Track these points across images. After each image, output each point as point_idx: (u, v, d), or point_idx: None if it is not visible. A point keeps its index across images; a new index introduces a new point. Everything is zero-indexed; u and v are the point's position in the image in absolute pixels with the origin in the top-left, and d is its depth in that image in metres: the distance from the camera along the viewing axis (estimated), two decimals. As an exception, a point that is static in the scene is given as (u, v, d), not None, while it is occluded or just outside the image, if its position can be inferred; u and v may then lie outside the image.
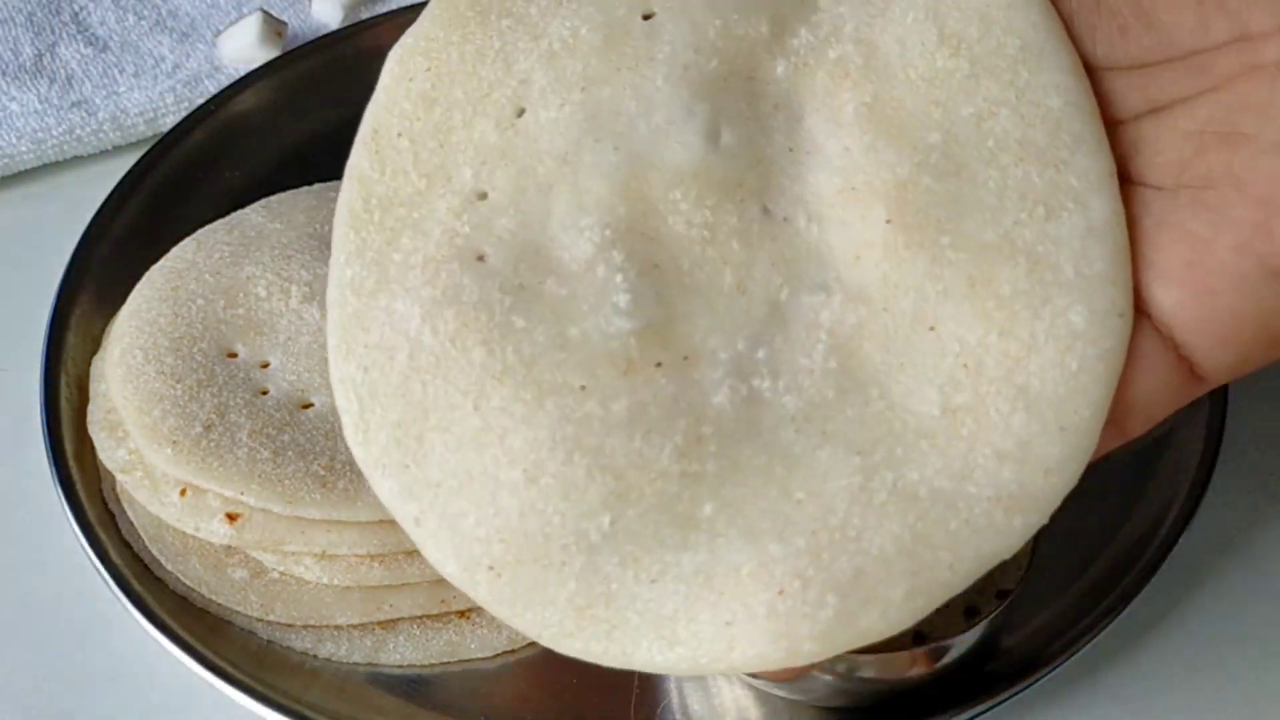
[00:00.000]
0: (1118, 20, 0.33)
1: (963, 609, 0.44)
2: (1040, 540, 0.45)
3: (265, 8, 0.72)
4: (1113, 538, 0.52)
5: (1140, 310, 0.33)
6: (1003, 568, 0.45)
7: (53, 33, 0.72)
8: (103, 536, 0.50)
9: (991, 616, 0.43)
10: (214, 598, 0.49)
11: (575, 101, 0.34)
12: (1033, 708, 0.49)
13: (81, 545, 0.50)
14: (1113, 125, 0.34)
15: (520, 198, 0.34)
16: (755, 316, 0.33)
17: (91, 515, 0.51)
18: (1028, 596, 0.45)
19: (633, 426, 0.32)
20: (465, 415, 0.33)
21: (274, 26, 0.71)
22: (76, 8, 0.74)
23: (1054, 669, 0.47)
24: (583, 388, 0.32)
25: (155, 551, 0.50)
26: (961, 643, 0.43)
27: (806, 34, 0.34)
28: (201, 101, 0.67)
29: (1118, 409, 0.33)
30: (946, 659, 0.43)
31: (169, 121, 0.68)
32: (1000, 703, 0.47)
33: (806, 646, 0.31)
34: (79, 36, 0.72)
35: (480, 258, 0.34)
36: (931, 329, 0.32)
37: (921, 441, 0.33)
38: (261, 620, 0.49)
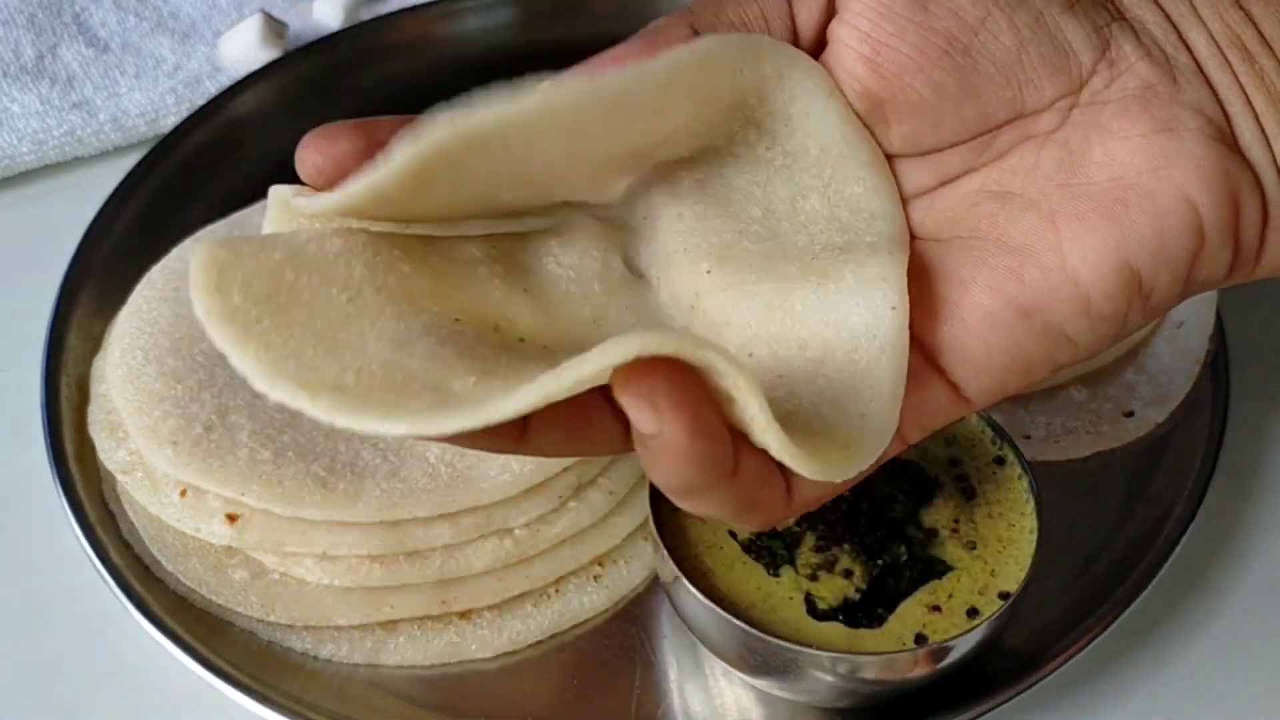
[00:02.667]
0: (904, 128, 0.37)
1: (965, 610, 0.44)
2: (1042, 542, 0.45)
3: (266, 9, 0.72)
4: (1114, 539, 0.52)
5: (914, 339, 0.37)
6: (1005, 569, 0.45)
7: (54, 34, 0.72)
8: (103, 537, 0.50)
9: (993, 617, 0.43)
10: (214, 598, 0.49)
11: None
12: (1034, 708, 0.49)
13: (81, 545, 0.50)
14: (911, 197, 0.39)
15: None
16: None
17: (92, 516, 0.51)
18: (1029, 597, 0.45)
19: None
20: (338, 305, 0.34)
21: (275, 28, 0.71)
22: (77, 9, 0.74)
23: (1055, 670, 0.48)
24: (456, 320, 0.35)
25: (155, 552, 0.50)
26: (963, 643, 0.43)
27: None
28: (202, 102, 0.67)
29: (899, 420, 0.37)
30: (948, 660, 0.43)
31: (170, 122, 0.68)
32: (1002, 703, 0.47)
33: None
34: (80, 38, 0.72)
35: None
36: (750, 355, 0.37)
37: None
38: (262, 621, 0.49)
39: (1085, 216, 0.36)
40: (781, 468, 0.35)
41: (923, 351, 0.37)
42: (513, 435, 0.34)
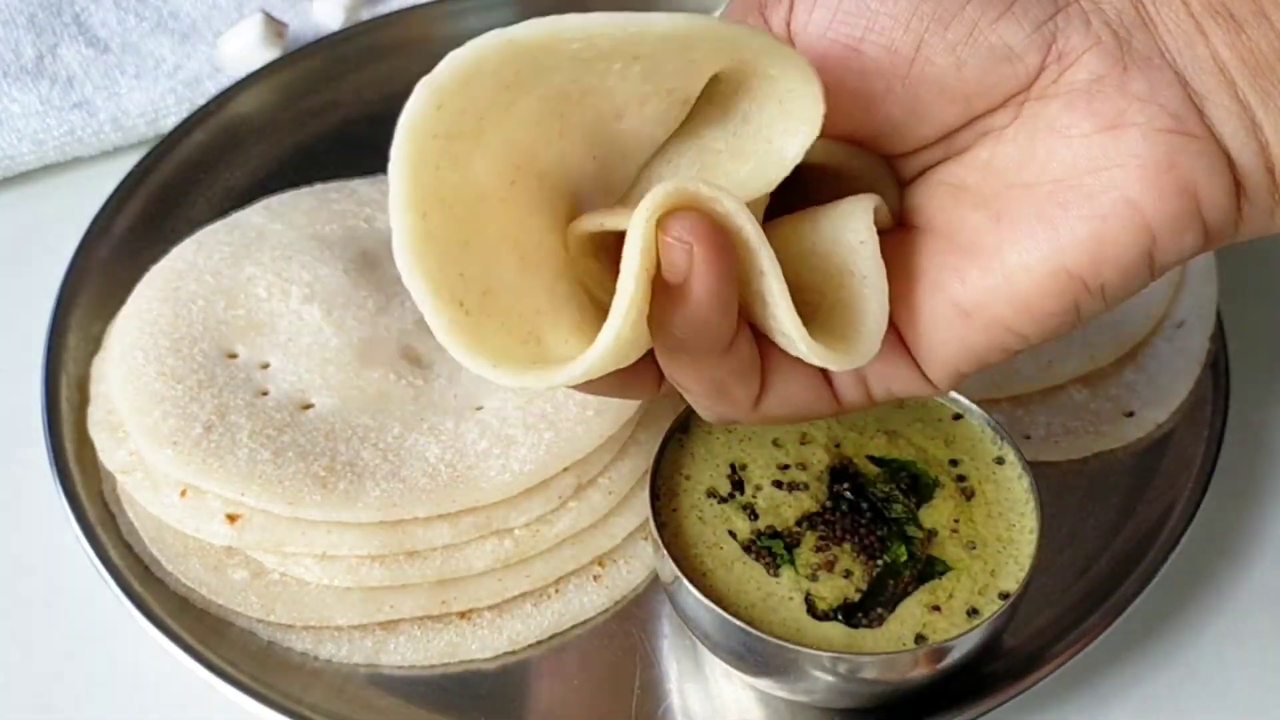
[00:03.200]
0: (888, 127, 0.39)
1: (965, 610, 0.44)
2: (1042, 542, 0.45)
3: (266, 9, 0.72)
4: (1114, 539, 0.52)
5: (891, 323, 0.39)
6: (1005, 569, 0.45)
7: (54, 34, 0.72)
8: (103, 537, 0.50)
9: (993, 617, 0.43)
10: (214, 599, 0.49)
11: None
12: (1034, 708, 0.49)
13: (81, 545, 0.50)
14: (903, 186, 0.41)
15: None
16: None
17: (92, 516, 0.51)
18: (1029, 597, 0.45)
19: None
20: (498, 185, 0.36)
21: (275, 28, 0.71)
22: (78, 9, 0.74)
23: (1055, 670, 0.48)
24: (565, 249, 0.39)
25: (155, 552, 0.50)
26: (963, 643, 0.43)
27: None
28: (202, 102, 0.67)
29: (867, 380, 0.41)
30: (948, 660, 0.43)
31: (170, 122, 0.68)
32: (1002, 703, 0.47)
33: None
34: (80, 38, 0.72)
35: None
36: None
37: None
38: (262, 621, 0.49)
39: (1024, 220, 0.37)
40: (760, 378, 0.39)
41: (894, 329, 0.39)
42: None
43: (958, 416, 0.49)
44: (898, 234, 0.40)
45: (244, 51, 0.70)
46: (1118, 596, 0.50)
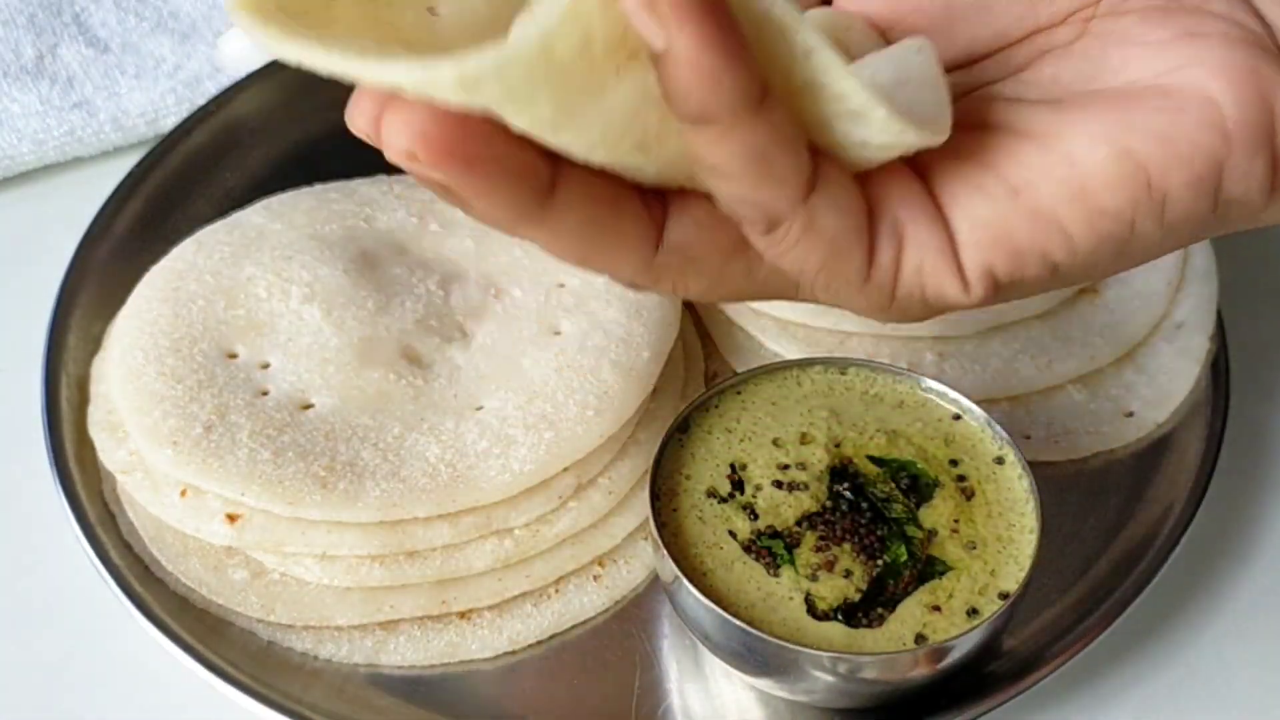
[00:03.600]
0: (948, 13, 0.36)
1: (965, 610, 0.44)
2: (1042, 542, 0.45)
3: (266, 9, 0.72)
4: (1114, 539, 0.52)
5: (931, 190, 0.35)
6: (1005, 569, 0.45)
7: (54, 34, 0.72)
8: (103, 537, 0.50)
9: (993, 617, 0.43)
10: (214, 598, 0.49)
11: None
12: (1034, 708, 0.49)
13: (81, 545, 0.50)
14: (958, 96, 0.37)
15: None
16: None
17: (91, 515, 0.51)
18: (1029, 597, 0.45)
19: None
20: None
21: (274, 27, 0.71)
22: (77, 9, 0.74)
23: (1055, 670, 0.48)
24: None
25: (155, 552, 0.50)
26: (963, 643, 0.43)
27: None
28: (202, 102, 0.67)
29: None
30: (948, 660, 0.43)
31: (169, 122, 0.68)
32: (1002, 703, 0.47)
33: None
34: (80, 38, 0.72)
35: None
36: None
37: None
38: (262, 621, 0.49)
39: (1093, 105, 0.34)
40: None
41: (935, 197, 0.35)
42: (538, 195, 0.31)
43: (958, 416, 0.49)
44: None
45: (244, 51, 0.70)
46: (1118, 596, 0.50)
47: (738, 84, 0.29)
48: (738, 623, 0.43)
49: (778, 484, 0.46)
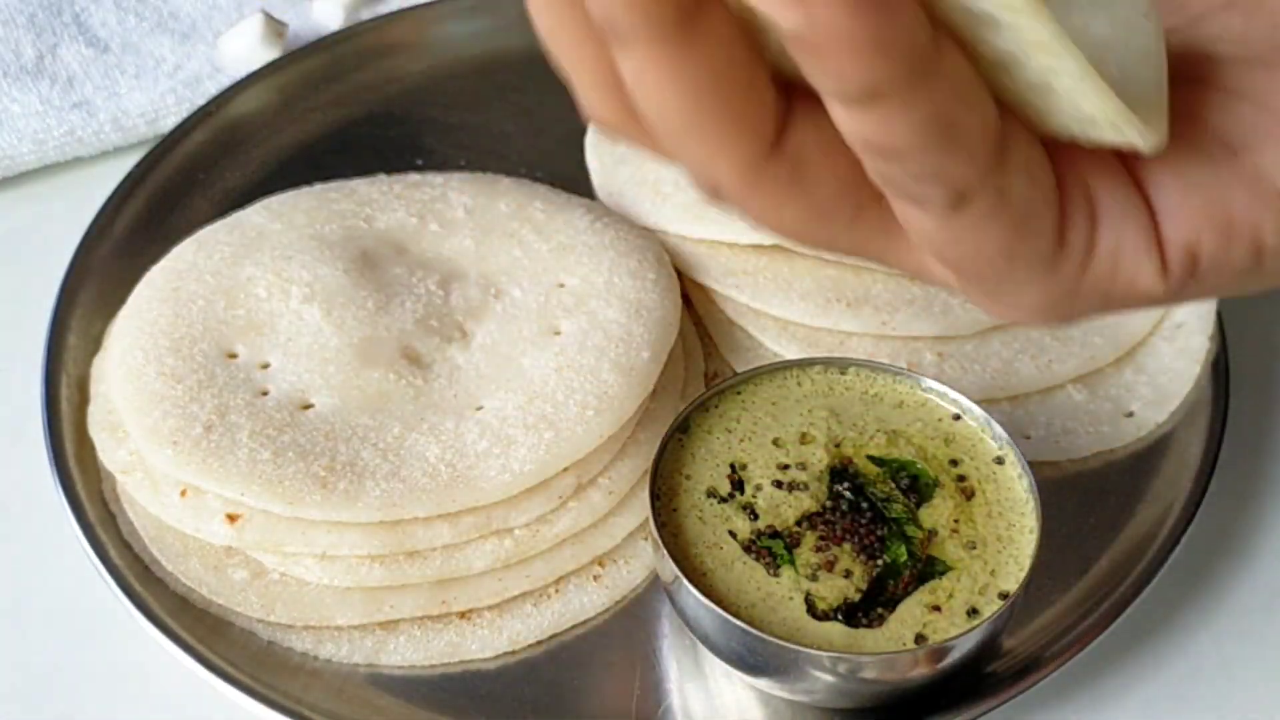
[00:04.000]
0: None
1: (965, 610, 0.44)
2: (1042, 542, 0.45)
3: (266, 9, 0.72)
4: (1114, 539, 0.52)
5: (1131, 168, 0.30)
6: (1005, 569, 0.45)
7: (54, 34, 0.72)
8: (103, 537, 0.50)
9: (993, 617, 0.43)
10: (214, 598, 0.49)
11: None
12: (1034, 708, 0.49)
13: (81, 545, 0.50)
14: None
15: None
16: None
17: (92, 515, 0.51)
18: (1029, 597, 0.45)
19: None
20: None
21: (275, 28, 0.71)
22: (78, 9, 0.74)
23: (1055, 670, 0.48)
24: None
25: (155, 552, 0.50)
26: (963, 643, 0.43)
27: None
28: (202, 102, 0.67)
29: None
30: (948, 660, 0.43)
31: (170, 122, 0.68)
32: (1002, 703, 0.47)
33: None
34: (80, 38, 0.72)
35: None
36: None
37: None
38: (262, 621, 0.49)
39: None
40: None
41: (1136, 169, 0.29)
42: (768, 135, 0.27)
43: (957, 416, 0.49)
44: None
45: (244, 51, 0.70)
46: (1118, 596, 0.50)
47: (906, 42, 0.23)
48: (738, 623, 0.43)
49: (778, 484, 0.46)
